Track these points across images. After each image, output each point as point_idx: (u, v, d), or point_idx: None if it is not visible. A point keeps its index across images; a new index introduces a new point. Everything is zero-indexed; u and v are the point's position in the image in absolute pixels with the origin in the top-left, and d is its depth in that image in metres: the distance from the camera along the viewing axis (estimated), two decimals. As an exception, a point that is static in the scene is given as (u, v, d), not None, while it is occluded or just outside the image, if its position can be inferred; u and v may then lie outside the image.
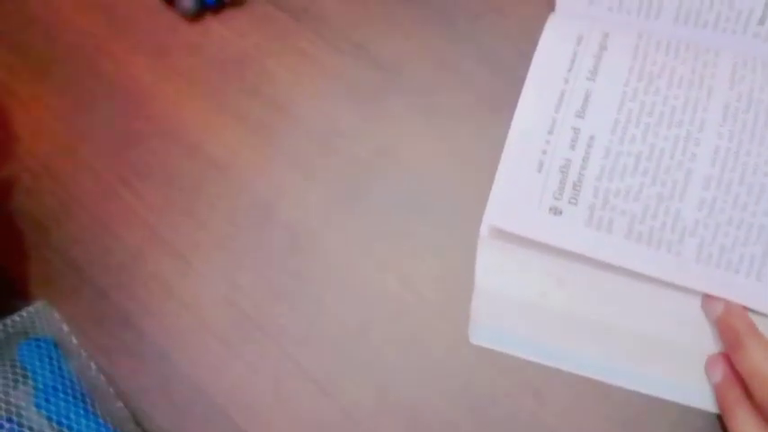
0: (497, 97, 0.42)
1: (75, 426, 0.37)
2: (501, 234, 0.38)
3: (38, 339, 0.41)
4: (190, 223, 0.44)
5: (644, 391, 0.38)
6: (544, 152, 0.38)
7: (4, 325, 0.40)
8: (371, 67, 0.44)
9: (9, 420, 0.36)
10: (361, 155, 0.43)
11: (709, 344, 0.38)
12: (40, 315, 0.42)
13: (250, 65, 0.45)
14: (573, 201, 0.38)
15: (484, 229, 0.39)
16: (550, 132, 0.39)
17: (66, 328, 0.42)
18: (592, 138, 0.38)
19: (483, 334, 0.40)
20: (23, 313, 0.41)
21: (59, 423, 0.37)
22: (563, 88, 0.39)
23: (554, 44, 0.40)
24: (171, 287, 0.43)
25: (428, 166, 0.43)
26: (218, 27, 0.47)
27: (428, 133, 0.43)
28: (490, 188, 0.39)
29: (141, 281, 0.43)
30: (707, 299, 0.38)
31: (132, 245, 0.44)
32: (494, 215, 0.38)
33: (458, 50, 0.44)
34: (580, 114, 0.39)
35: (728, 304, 0.37)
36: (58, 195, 0.45)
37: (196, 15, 0.46)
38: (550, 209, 0.38)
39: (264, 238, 0.43)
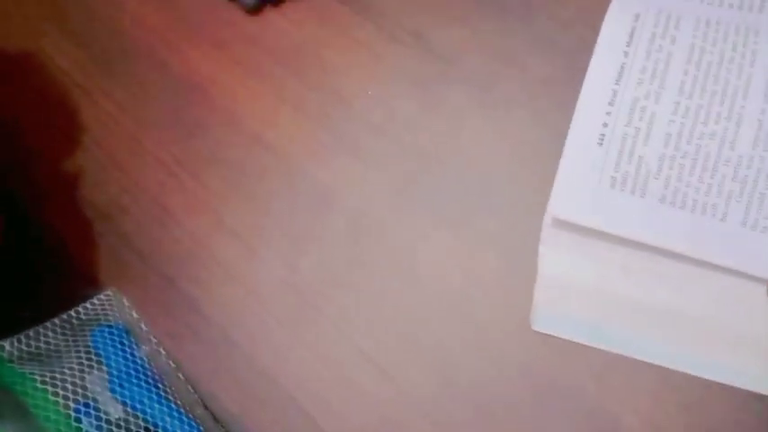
0: (556, 87, 0.42)
1: (148, 410, 0.38)
2: (564, 224, 0.39)
3: (110, 326, 0.41)
4: (252, 210, 0.44)
5: (708, 377, 0.39)
6: (605, 125, 0.38)
7: (77, 312, 0.41)
8: (428, 57, 0.44)
9: (86, 405, 0.37)
10: (420, 144, 0.43)
11: (775, 331, 0.38)
12: (111, 302, 0.43)
13: (307, 56, 0.46)
14: (638, 176, 0.38)
15: (547, 218, 0.39)
16: (611, 104, 0.39)
17: (135, 314, 0.43)
18: (653, 114, 0.38)
19: (545, 321, 0.40)
20: (95, 301, 0.42)
21: (134, 408, 0.38)
22: (623, 61, 0.39)
23: (616, 23, 0.40)
24: (234, 273, 0.44)
25: (487, 156, 0.43)
26: (276, 18, 0.47)
27: (486, 123, 0.43)
28: (549, 178, 0.39)
29: (205, 267, 0.44)
30: (774, 285, 0.38)
31: (196, 232, 0.45)
32: (557, 203, 0.38)
33: (515, 39, 0.44)
34: (641, 83, 0.39)
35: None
36: (123, 185, 0.46)
37: (257, 8, 0.47)
38: (612, 181, 0.37)
39: (325, 225, 0.43)
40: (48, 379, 0.37)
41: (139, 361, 0.40)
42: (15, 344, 0.39)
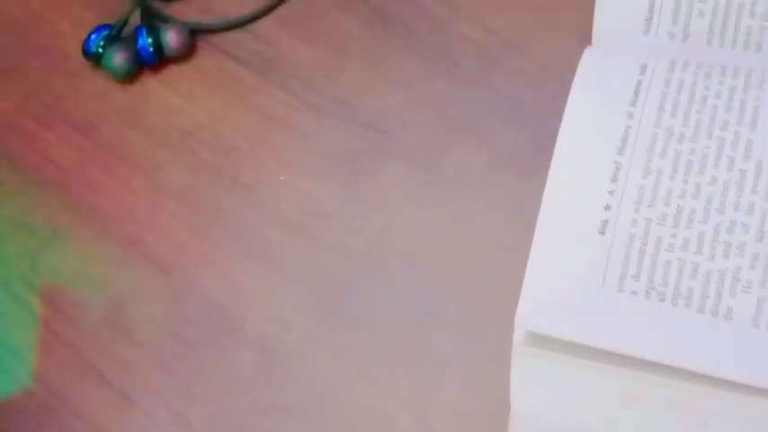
0: (523, 156, 0.37)
1: None
2: (542, 339, 0.32)
3: None
4: (125, 344, 0.37)
5: None
6: (607, 207, 0.32)
7: None
8: (357, 128, 0.39)
9: None
10: (349, 244, 0.38)
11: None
12: None
13: (198, 134, 0.40)
14: (650, 276, 0.31)
15: (518, 335, 0.33)
16: (614, 180, 0.32)
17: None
18: (669, 190, 0.32)
19: (529, 477, 0.34)
20: None
21: None
22: (627, 124, 0.33)
23: (600, 78, 0.34)
24: (105, 433, 0.36)
25: (438, 253, 0.37)
26: (156, 87, 0.41)
27: (436, 208, 0.38)
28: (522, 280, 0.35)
29: (67, 426, 0.36)
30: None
31: (53, 379, 0.37)
32: (528, 313, 0.32)
33: (466, 98, 0.39)
34: (651, 152, 0.32)
35: None
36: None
37: (130, 75, 0.41)
38: (619, 287, 0.31)
39: (225, 360, 0.37)
40: None
41: None
42: None
